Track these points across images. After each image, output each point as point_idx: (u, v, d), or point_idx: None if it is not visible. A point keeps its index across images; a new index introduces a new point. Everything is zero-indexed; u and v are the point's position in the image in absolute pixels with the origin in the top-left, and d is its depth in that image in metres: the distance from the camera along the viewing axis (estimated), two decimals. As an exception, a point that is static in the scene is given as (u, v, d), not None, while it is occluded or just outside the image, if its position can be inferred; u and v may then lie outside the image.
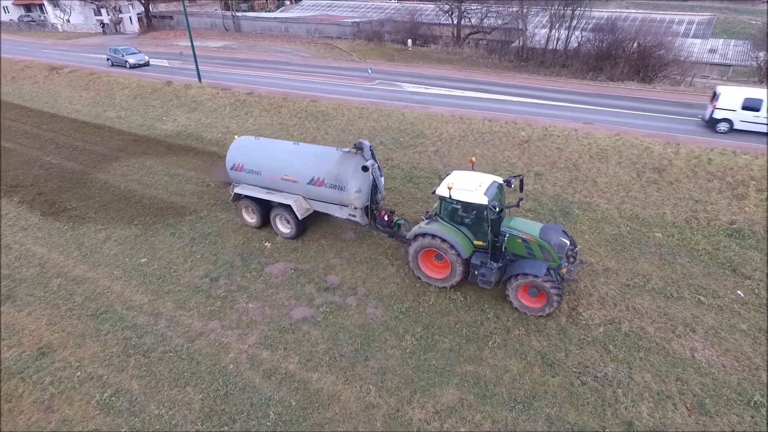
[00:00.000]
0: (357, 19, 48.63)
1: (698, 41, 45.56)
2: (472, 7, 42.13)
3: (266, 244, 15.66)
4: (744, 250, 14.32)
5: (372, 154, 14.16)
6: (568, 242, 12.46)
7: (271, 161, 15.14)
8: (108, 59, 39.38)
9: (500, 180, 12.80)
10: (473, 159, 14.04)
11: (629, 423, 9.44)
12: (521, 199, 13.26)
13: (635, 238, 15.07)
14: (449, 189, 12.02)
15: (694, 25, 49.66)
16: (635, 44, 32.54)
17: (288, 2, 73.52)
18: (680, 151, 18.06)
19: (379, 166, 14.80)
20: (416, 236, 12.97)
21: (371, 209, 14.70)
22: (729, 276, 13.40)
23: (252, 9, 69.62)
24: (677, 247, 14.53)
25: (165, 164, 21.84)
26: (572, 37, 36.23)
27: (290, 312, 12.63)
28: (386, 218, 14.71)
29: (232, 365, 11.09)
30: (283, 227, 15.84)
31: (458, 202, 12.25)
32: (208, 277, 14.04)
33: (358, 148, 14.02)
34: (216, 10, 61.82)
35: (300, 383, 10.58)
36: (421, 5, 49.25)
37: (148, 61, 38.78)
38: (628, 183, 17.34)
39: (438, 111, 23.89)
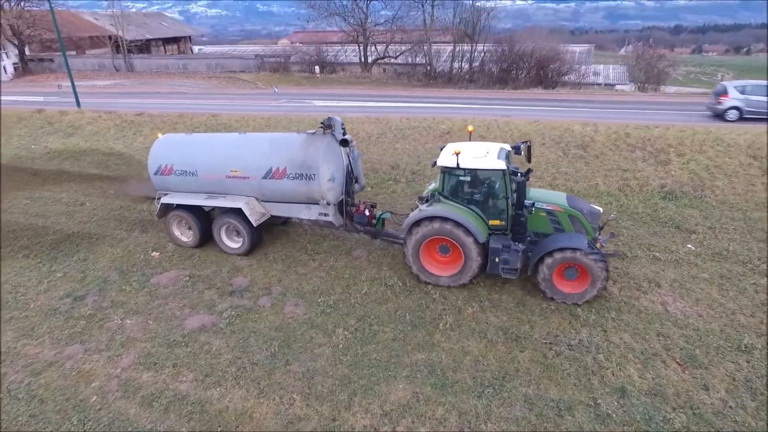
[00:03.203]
0: (260, 52, 47.17)
1: (583, 66, 49.79)
2: (378, 29, 42.58)
3: (153, 253, 12.53)
4: (681, 209, 13.81)
5: (344, 132, 11.35)
6: (600, 210, 10.51)
7: (211, 156, 11.85)
8: (730, 109, 19.12)
9: (507, 147, 10.49)
10: (471, 128, 11.44)
11: (621, 389, 7.65)
12: (530, 170, 10.69)
13: (574, 209, 14.04)
14: (456, 155, 9.48)
15: (577, 54, 54.50)
16: (533, 59, 34.14)
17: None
18: (599, 128, 17.89)
19: (355, 145, 11.99)
20: (418, 222, 10.13)
21: (346, 204, 11.67)
22: (675, 232, 12.65)
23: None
24: (617, 214, 13.67)
25: (27, 189, 17.84)
26: (475, 58, 37.51)
27: (183, 323, 9.63)
28: (367, 213, 11.65)
29: (95, 396, 7.85)
30: (232, 241, 12.29)
31: (468, 171, 9.83)
32: (69, 297, 10.61)
33: (327, 126, 11.12)
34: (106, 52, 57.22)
35: (196, 405, 7.61)
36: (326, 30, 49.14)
37: None
38: (556, 160, 16.65)
39: (353, 115, 22.39)
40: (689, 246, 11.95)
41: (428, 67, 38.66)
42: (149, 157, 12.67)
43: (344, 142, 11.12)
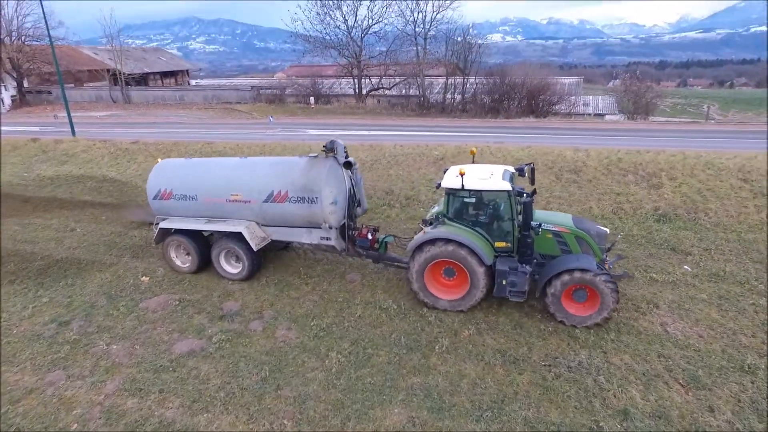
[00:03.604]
0: (256, 84, 47.92)
1: (573, 97, 50.92)
2: (372, 62, 43.55)
3: (143, 278, 12.27)
4: (675, 231, 13.80)
5: (346, 155, 11.25)
6: (607, 230, 10.33)
7: (212, 180, 11.74)
8: None
9: (511, 169, 10.38)
10: (474, 150, 11.39)
11: (624, 411, 7.41)
12: (536, 191, 10.51)
13: (569, 232, 14.00)
14: (461, 175, 9.37)
15: (567, 85, 55.85)
16: (524, 90, 34.87)
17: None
18: (590, 154, 18.09)
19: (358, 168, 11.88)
20: (423, 245, 9.89)
21: (348, 228, 11.44)
22: (671, 254, 12.59)
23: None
24: (612, 236, 13.63)
25: (17, 216, 17.60)
26: (468, 87, 38.32)
27: (171, 347, 9.34)
28: (369, 237, 11.44)
29: (76, 424, 7.50)
30: (231, 266, 12.02)
31: (473, 192, 9.71)
32: (54, 323, 10.30)
33: (329, 149, 11.01)
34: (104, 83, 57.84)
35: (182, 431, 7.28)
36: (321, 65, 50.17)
37: None
38: (550, 185, 16.71)
39: (347, 142, 22.55)
40: (686, 267, 11.87)
41: (422, 99, 39.38)
42: (148, 182, 12.57)
43: (348, 164, 11.08)
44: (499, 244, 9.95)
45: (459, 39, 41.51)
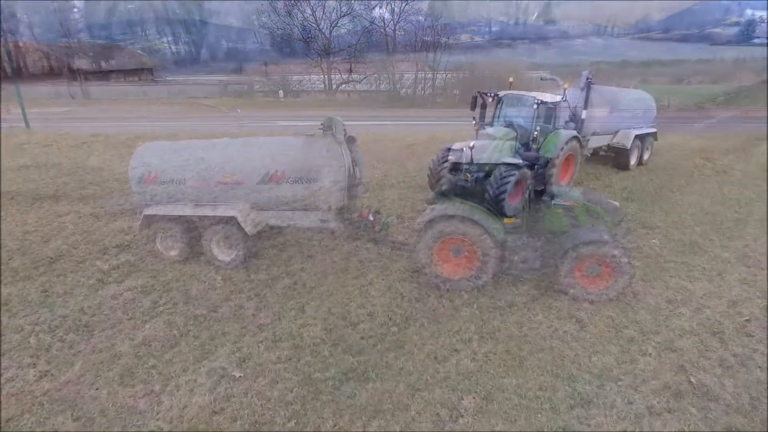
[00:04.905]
0: (224, 79, 46.89)
1: (541, 90, 51.79)
2: (342, 55, 43.25)
3: (98, 263, 11.65)
4: (644, 207, 14.09)
5: (345, 133, 10.64)
6: (617, 204, 10.08)
7: (202, 162, 10.92)
8: None
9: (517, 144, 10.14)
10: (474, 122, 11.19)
11: (600, 376, 7.37)
12: (549, 160, 10.38)
13: (540, 211, 14.08)
14: (471, 149, 9.05)
15: (534, 80, 56.89)
16: (494, 82, 35.14)
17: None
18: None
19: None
20: (428, 224, 9.42)
21: (348, 210, 10.98)
22: (639, 229, 12.80)
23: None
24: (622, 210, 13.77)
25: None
26: (437, 82, 38.51)
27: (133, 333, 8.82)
28: (371, 219, 11.04)
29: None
30: (223, 253, 11.33)
31: (482, 167, 9.29)
32: None
33: (327, 127, 10.37)
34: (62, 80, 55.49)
35: (141, 415, 6.81)
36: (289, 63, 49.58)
37: None
38: (520, 167, 16.81)
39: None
40: (654, 241, 12.07)
41: (392, 91, 39.32)
42: (130, 166, 11.72)
43: (351, 139, 10.68)
44: (508, 220, 9.61)
45: (428, 39, 41.62)
